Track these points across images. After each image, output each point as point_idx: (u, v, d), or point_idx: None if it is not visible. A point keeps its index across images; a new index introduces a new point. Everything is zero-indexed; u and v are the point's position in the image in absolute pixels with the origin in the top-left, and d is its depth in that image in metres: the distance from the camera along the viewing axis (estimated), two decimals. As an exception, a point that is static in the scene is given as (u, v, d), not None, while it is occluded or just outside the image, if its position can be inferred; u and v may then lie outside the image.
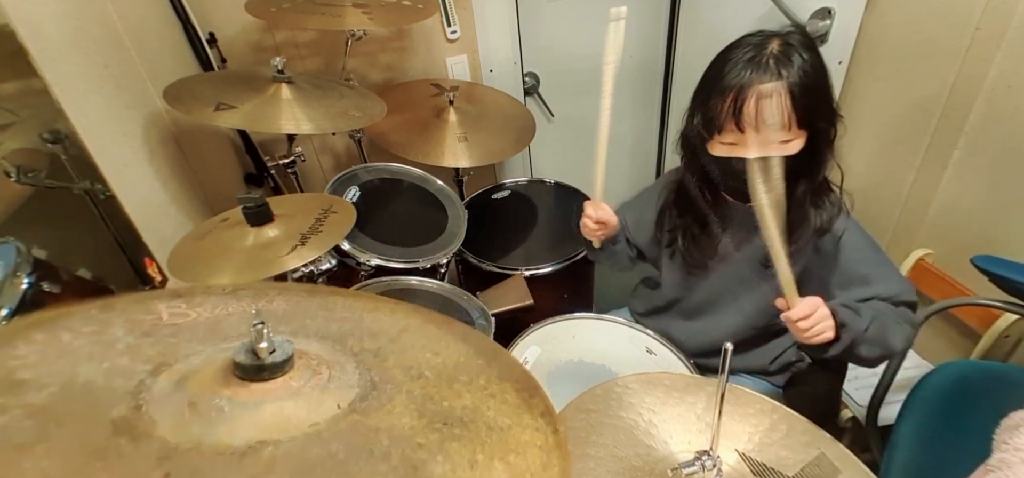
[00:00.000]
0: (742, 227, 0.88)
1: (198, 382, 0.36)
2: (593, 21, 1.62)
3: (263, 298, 0.49)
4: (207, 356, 0.39)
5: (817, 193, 0.81)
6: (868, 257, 0.82)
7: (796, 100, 0.71)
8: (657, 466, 0.60)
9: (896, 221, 1.29)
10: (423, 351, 0.44)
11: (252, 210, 0.84)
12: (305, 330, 0.45)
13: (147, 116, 1.06)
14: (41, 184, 0.80)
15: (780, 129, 0.72)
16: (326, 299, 0.51)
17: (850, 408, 1.15)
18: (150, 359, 0.38)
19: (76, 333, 0.39)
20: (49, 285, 0.70)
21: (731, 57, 0.75)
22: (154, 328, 0.42)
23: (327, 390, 0.37)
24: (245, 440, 0.31)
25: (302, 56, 1.40)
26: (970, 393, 0.83)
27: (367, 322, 0.48)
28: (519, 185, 1.52)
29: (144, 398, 0.34)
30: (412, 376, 0.40)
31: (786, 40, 0.73)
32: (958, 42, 1.07)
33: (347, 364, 0.40)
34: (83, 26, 0.91)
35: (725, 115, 0.74)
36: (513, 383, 0.43)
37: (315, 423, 0.34)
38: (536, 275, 1.20)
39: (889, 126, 1.27)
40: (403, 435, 0.34)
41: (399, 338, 0.46)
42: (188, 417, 0.33)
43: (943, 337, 1.22)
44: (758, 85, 0.71)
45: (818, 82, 0.73)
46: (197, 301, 0.47)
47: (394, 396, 0.38)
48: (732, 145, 0.77)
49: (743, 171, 0.76)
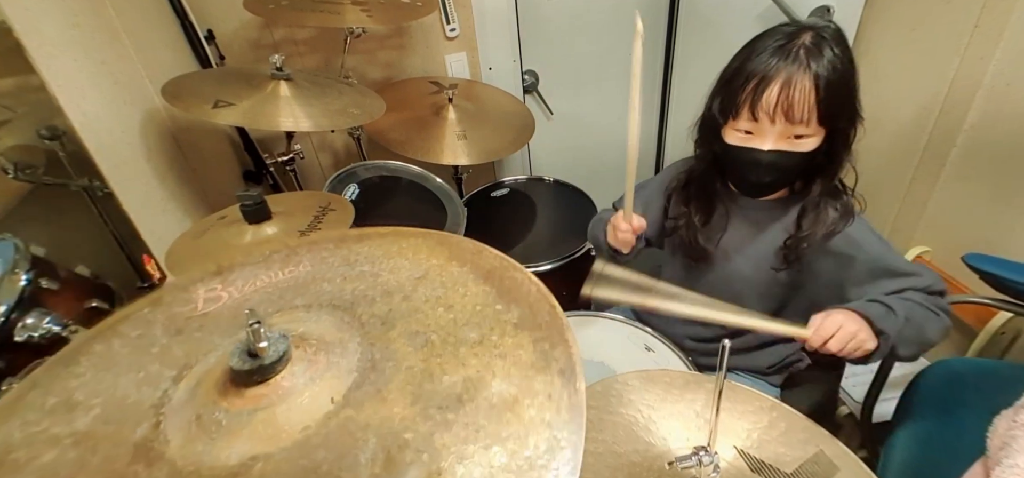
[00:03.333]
0: (748, 222, 0.87)
1: (205, 388, 0.36)
2: (592, 20, 1.62)
3: (292, 261, 0.49)
4: (222, 352, 0.39)
5: (830, 194, 0.79)
6: (888, 251, 0.79)
7: (820, 95, 0.69)
8: (656, 462, 0.60)
9: (894, 218, 1.29)
10: (436, 306, 0.42)
11: (250, 207, 0.84)
12: (319, 298, 0.45)
13: (145, 113, 1.06)
14: (39, 181, 0.80)
15: (799, 123, 0.71)
16: (352, 248, 0.50)
17: (847, 404, 1.15)
18: (176, 362, 0.38)
19: (125, 339, 0.41)
20: (47, 282, 0.70)
21: (760, 44, 0.73)
22: (186, 323, 0.42)
23: (322, 381, 0.36)
24: (238, 457, 0.31)
25: (301, 53, 1.40)
26: (964, 390, 0.83)
27: (384, 276, 0.46)
28: (518, 183, 1.52)
29: (164, 412, 0.35)
30: (417, 345, 0.39)
31: (819, 32, 0.71)
32: (957, 40, 1.07)
33: (350, 342, 0.40)
34: (80, 22, 0.91)
35: (743, 100, 0.73)
36: (531, 332, 0.39)
37: (306, 427, 0.33)
38: (535, 273, 1.20)
39: (888, 123, 1.27)
40: (392, 430, 0.33)
41: (414, 293, 0.44)
42: (194, 432, 0.33)
43: (940, 334, 1.22)
44: (783, 73, 0.69)
45: (846, 79, 0.71)
46: (233, 277, 0.47)
47: (392, 378, 0.37)
48: (747, 134, 0.75)
49: (753, 162, 0.76)
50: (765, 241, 0.85)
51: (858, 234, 0.79)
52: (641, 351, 0.94)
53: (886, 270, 0.77)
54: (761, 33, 0.75)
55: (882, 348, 0.70)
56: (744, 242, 0.87)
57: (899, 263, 0.78)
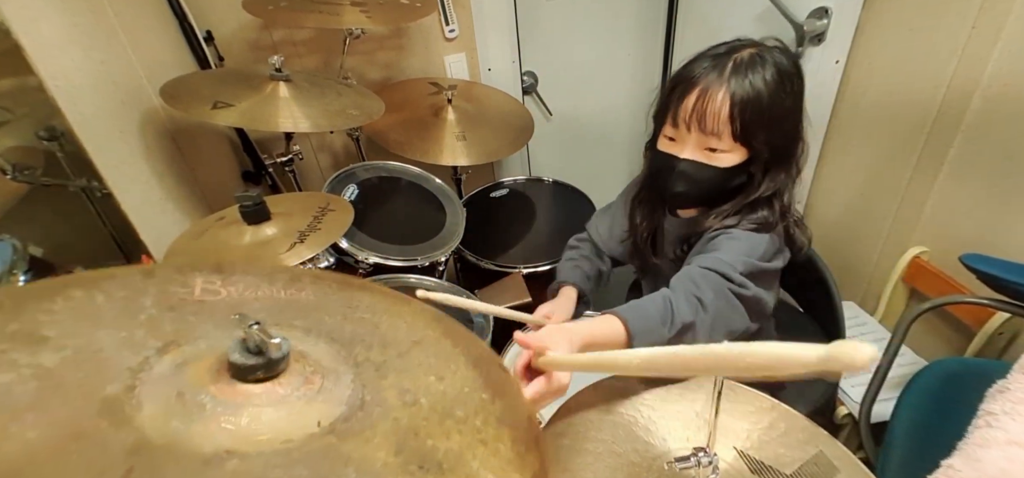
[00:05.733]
0: (671, 240, 0.87)
1: (194, 370, 0.35)
2: (592, 20, 1.63)
3: (295, 284, 0.49)
4: (215, 341, 0.38)
5: (740, 213, 0.76)
6: (724, 241, 0.75)
7: (734, 111, 0.69)
8: (655, 462, 0.60)
9: (892, 219, 1.30)
10: (427, 373, 0.43)
11: (249, 208, 0.84)
12: (318, 327, 0.45)
13: (144, 114, 1.06)
14: (37, 182, 0.80)
15: (711, 135, 0.71)
16: (354, 295, 0.50)
17: (846, 405, 1.15)
18: (164, 335, 0.38)
19: (108, 296, 0.39)
20: (46, 283, 0.69)
21: (702, 54, 0.74)
22: (180, 304, 0.41)
23: (313, 403, 0.36)
24: (214, 447, 0.31)
25: (300, 54, 1.40)
26: (961, 390, 0.83)
27: (383, 328, 0.47)
28: (517, 183, 1.52)
29: (141, 377, 0.33)
30: (406, 402, 0.39)
31: (759, 53, 0.71)
32: (955, 41, 1.08)
33: (344, 376, 0.40)
34: (79, 22, 0.91)
35: (669, 105, 0.74)
36: (511, 431, 0.40)
37: (288, 440, 0.33)
38: (534, 273, 1.21)
39: (886, 124, 1.27)
40: (372, 471, 0.33)
41: (409, 353, 0.45)
42: (172, 406, 0.32)
43: (937, 334, 1.23)
44: (702, 82, 0.70)
45: (768, 102, 0.70)
46: (234, 279, 0.46)
47: (378, 423, 0.36)
48: (671, 141, 0.76)
49: (668, 168, 0.75)
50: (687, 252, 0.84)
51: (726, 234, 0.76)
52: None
53: (715, 246, 0.75)
54: (714, 45, 0.75)
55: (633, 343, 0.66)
56: (676, 252, 0.87)
57: (721, 250, 0.73)
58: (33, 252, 0.71)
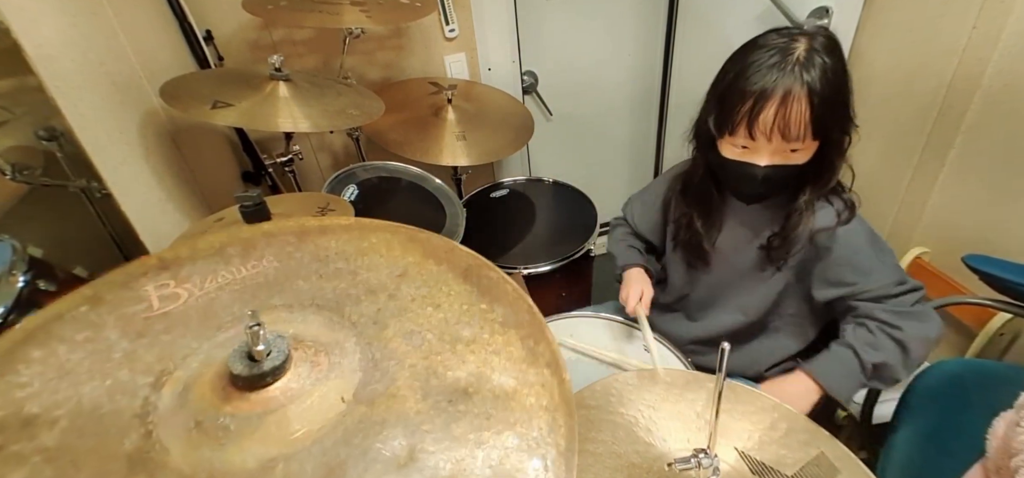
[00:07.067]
0: (742, 224, 0.87)
1: (199, 394, 0.35)
2: (592, 20, 1.62)
3: (251, 257, 0.47)
4: (205, 355, 0.38)
5: (822, 199, 0.79)
6: (859, 260, 0.79)
7: (815, 111, 0.69)
8: (656, 463, 0.60)
9: (893, 219, 1.30)
10: (424, 305, 0.43)
11: (249, 208, 0.84)
12: (300, 297, 0.43)
13: (143, 114, 1.06)
14: (36, 182, 0.80)
15: (795, 141, 0.71)
16: (317, 243, 0.48)
17: (847, 405, 1.15)
18: (150, 368, 0.37)
19: (71, 344, 0.37)
20: (45, 283, 0.69)
21: (754, 58, 0.71)
22: (147, 325, 0.40)
23: (329, 382, 0.36)
24: (256, 460, 0.31)
25: (300, 54, 1.40)
26: (964, 391, 0.83)
27: (363, 274, 0.46)
28: (517, 184, 1.52)
29: (152, 421, 0.33)
30: (414, 344, 0.39)
31: (812, 43, 0.70)
32: (955, 41, 1.08)
33: (346, 342, 0.40)
34: (78, 23, 0.91)
35: (739, 119, 0.72)
36: (516, 330, 0.41)
37: (322, 426, 0.33)
38: (535, 274, 1.20)
39: (886, 124, 1.27)
40: (411, 424, 0.34)
41: (398, 291, 0.44)
42: (196, 438, 0.32)
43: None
44: (780, 92, 0.69)
45: (838, 89, 0.71)
46: (184, 273, 0.44)
47: (397, 375, 0.37)
48: (744, 149, 0.76)
49: (749, 177, 0.76)
50: (757, 242, 0.86)
51: (843, 234, 0.78)
52: (641, 351, 0.94)
53: (841, 280, 0.80)
54: (753, 42, 0.74)
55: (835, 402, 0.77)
56: (738, 243, 0.88)
57: (860, 276, 0.79)
58: (33, 252, 0.71)
